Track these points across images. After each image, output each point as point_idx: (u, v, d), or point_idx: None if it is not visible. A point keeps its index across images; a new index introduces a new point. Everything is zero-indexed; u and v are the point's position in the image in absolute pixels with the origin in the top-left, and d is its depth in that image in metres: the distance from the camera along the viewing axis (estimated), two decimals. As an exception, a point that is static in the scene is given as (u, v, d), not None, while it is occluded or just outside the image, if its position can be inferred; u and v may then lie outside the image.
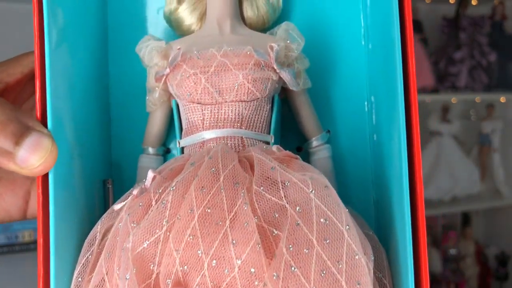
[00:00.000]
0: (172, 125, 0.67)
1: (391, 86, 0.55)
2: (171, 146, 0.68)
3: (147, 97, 0.65)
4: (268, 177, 0.50)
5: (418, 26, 2.68)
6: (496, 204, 2.67)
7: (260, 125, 0.59)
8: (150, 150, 0.65)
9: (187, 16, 0.66)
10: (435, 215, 2.73)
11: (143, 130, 0.66)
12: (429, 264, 0.49)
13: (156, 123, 0.65)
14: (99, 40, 0.68)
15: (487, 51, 2.60)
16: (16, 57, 0.60)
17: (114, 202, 0.60)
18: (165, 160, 0.67)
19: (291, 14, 0.69)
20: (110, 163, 0.67)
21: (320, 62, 0.66)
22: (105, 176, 0.65)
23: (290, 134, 0.66)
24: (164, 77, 0.61)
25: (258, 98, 0.59)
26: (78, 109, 0.57)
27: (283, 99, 0.65)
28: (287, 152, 0.54)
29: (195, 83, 0.58)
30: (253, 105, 0.59)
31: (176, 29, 0.68)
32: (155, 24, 0.69)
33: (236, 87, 0.58)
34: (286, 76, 0.59)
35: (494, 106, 2.73)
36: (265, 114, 0.60)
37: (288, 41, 0.62)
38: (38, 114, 0.49)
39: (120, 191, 0.60)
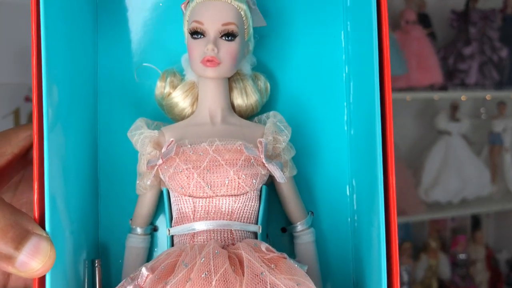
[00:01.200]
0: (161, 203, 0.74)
1: (372, 173, 0.65)
2: (158, 223, 0.75)
3: (138, 181, 0.73)
4: (257, 282, 0.59)
5: (425, 20, 2.73)
6: (508, 207, 2.76)
7: (248, 216, 0.69)
8: (139, 230, 0.75)
9: (180, 101, 0.75)
10: (443, 218, 2.84)
11: (131, 209, 0.74)
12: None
13: (145, 206, 0.75)
14: (90, 119, 0.76)
15: (498, 47, 2.65)
16: (4, 134, 0.63)
17: (101, 282, 0.69)
18: (152, 238, 0.75)
19: (277, 97, 0.78)
20: (98, 242, 0.75)
21: (304, 147, 0.76)
22: (93, 255, 0.73)
23: (275, 215, 0.74)
24: (156, 166, 0.70)
25: (247, 192, 0.68)
26: (70, 192, 0.65)
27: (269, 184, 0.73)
28: (275, 254, 0.63)
29: (187, 178, 0.67)
30: (243, 199, 0.68)
31: (168, 112, 0.77)
32: (146, 103, 0.77)
33: (226, 182, 0.67)
34: (274, 169, 0.68)
35: (506, 103, 2.77)
36: (254, 205, 0.69)
37: (276, 133, 0.71)
38: (37, 215, 0.56)
39: (106, 269, 0.71)
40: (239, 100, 0.74)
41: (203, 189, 0.67)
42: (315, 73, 0.77)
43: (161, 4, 0.78)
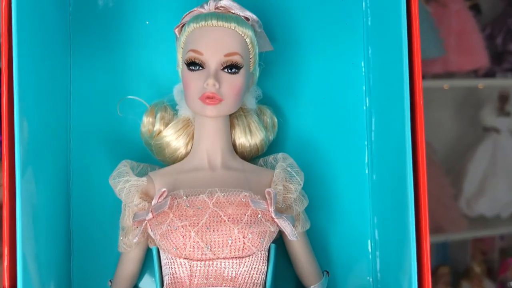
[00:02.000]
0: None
1: (401, 225, 0.68)
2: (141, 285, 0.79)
3: (121, 237, 0.76)
4: None
5: (468, -11, 2.75)
6: None
7: (255, 281, 0.71)
8: None
9: (172, 141, 0.78)
10: (490, 236, 2.88)
11: (110, 268, 0.76)
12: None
13: (128, 266, 0.77)
14: (62, 159, 0.79)
15: (559, 22, 2.66)
16: None
17: None
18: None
19: (286, 136, 0.82)
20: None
21: (318, 196, 0.80)
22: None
23: (283, 273, 0.76)
24: (145, 222, 0.72)
25: (254, 253, 0.70)
26: (41, 250, 0.68)
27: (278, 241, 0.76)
28: None
29: (183, 237, 0.69)
30: (249, 261, 0.71)
31: (156, 154, 0.80)
32: (127, 141, 0.81)
33: (230, 242, 0.69)
34: (284, 225, 0.71)
35: None
36: (261, 268, 0.72)
37: (286, 181, 0.74)
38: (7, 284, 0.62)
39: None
40: (243, 139, 0.78)
41: (202, 251, 0.69)
42: (330, 106, 0.81)
43: (147, 23, 0.83)
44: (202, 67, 0.72)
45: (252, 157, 0.81)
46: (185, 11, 0.78)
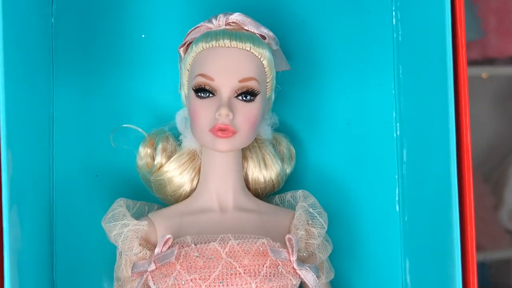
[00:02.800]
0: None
1: (442, 273, 0.70)
2: None
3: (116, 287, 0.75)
4: None
5: None
6: None
7: None
8: None
9: (175, 176, 0.78)
10: None
11: None
12: None
13: None
14: (45, 198, 0.81)
15: None
16: None
17: None
18: None
19: (304, 169, 0.85)
20: None
21: (342, 240, 0.82)
22: None
23: None
24: (147, 273, 0.72)
25: None
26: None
27: None
28: None
29: None
30: None
31: (156, 191, 0.79)
32: (121, 175, 0.84)
33: None
34: (308, 277, 0.72)
35: None
36: None
37: (309, 224, 0.75)
38: None
39: None
40: (257, 174, 0.79)
41: None
42: (355, 134, 0.83)
43: (143, 36, 0.84)
44: (213, 94, 0.72)
45: (267, 194, 0.80)
46: (188, 22, 0.80)
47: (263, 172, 0.81)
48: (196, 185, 0.79)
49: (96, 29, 0.85)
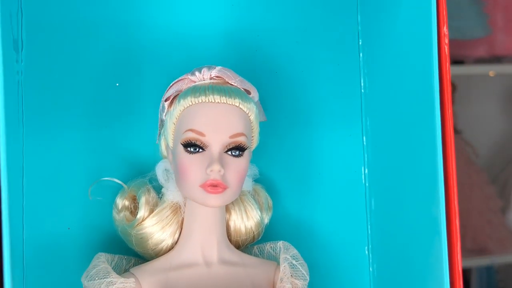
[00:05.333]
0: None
1: None
2: None
3: None
4: None
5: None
6: None
7: None
8: None
9: (157, 232, 0.78)
10: None
11: None
12: None
13: None
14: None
15: None
16: None
17: None
18: None
19: (280, 220, 0.88)
20: None
21: (317, 284, 0.84)
22: None
23: None
24: None
25: None
26: None
27: None
28: None
29: None
30: None
31: (136, 245, 0.79)
32: (95, 228, 0.84)
33: None
34: None
35: None
36: None
37: (293, 276, 0.77)
38: None
39: None
40: (239, 225, 0.81)
41: None
42: (326, 185, 0.88)
43: (117, 85, 0.85)
44: (203, 149, 0.73)
45: (247, 244, 0.82)
46: (165, 70, 0.83)
47: (245, 223, 0.82)
48: (178, 238, 0.79)
49: (68, 77, 0.85)
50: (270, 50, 0.89)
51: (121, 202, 0.80)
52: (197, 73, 0.77)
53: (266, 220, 0.85)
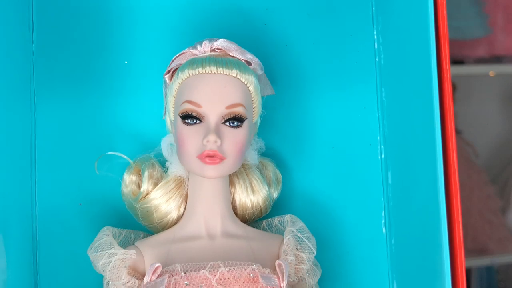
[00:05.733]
0: None
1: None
2: None
3: None
4: None
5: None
6: None
7: None
8: None
9: (162, 204, 0.79)
10: None
11: None
12: None
13: None
14: (27, 229, 0.82)
15: None
16: None
17: None
18: None
19: (291, 194, 0.87)
20: None
21: (329, 261, 0.84)
22: None
23: None
24: None
25: None
26: None
27: None
28: None
29: None
30: None
31: (142, 219, 0.80)
32: (102, 203, 0.85)
33: None
34: None
35: None
36: None
37: (298, 249, 0.76)
38: None
39: None
40: (244, 199, 0.81)
41: None
42: (340, 158, 0.85)
43: (126, 62, 0.86)
44: (200, 121, 0.73)
45: (254, 219, 0.82)
46: (172, 47, 0.83)
47: (251, 197, 0.82)
48: (183, 212, 0.80)
49: (78, 55, 0.86)
50: (280, 24, 0.89)
51: (128, 177, 0.81)
52: (198, 46, 0.77)
53: (275, 195, 0.84)
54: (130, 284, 0.74)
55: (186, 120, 0.74)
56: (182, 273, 0.73)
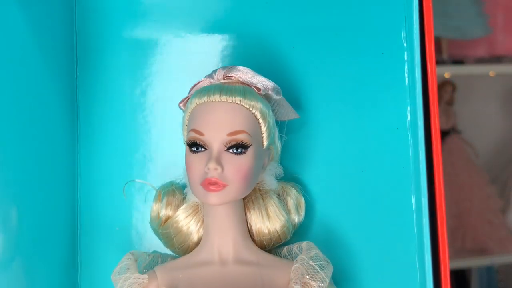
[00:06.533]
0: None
1: None
2: None
3: None
4: None
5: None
6: None
7: None
8: None
9: (183, 226, 0.82)
10: None
11: None
12: None
13: None
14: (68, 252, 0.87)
15: None
16: None
17: None
18: None
19: (314, 218, 0.85)
20: None
21: None
22: None
23: None
24: None
25: None
26: None
27: None
28: None
29: None
30: None
31: (166, 243, 0.83)
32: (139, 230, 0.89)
33: None
34: None
35: None
36: None
37: (308, 277, 0.74)
38: None
39: None
40: (260, 225, 0.80)
41: None
42: (371, 181, 0.82)
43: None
44: (205, 148, 0.75)
45: (273, 245, 0.81)
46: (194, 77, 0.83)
47: (266, 223, 0.82)
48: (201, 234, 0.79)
49: (117, 90, 0.92)
50: (308, 46, 0.89)
51: (155, 204, 0.85)
52: (213, 74, 0.79)
53: (296, 220, 0.84)
54: None
55: (192, 148, 0.76)
56: None
